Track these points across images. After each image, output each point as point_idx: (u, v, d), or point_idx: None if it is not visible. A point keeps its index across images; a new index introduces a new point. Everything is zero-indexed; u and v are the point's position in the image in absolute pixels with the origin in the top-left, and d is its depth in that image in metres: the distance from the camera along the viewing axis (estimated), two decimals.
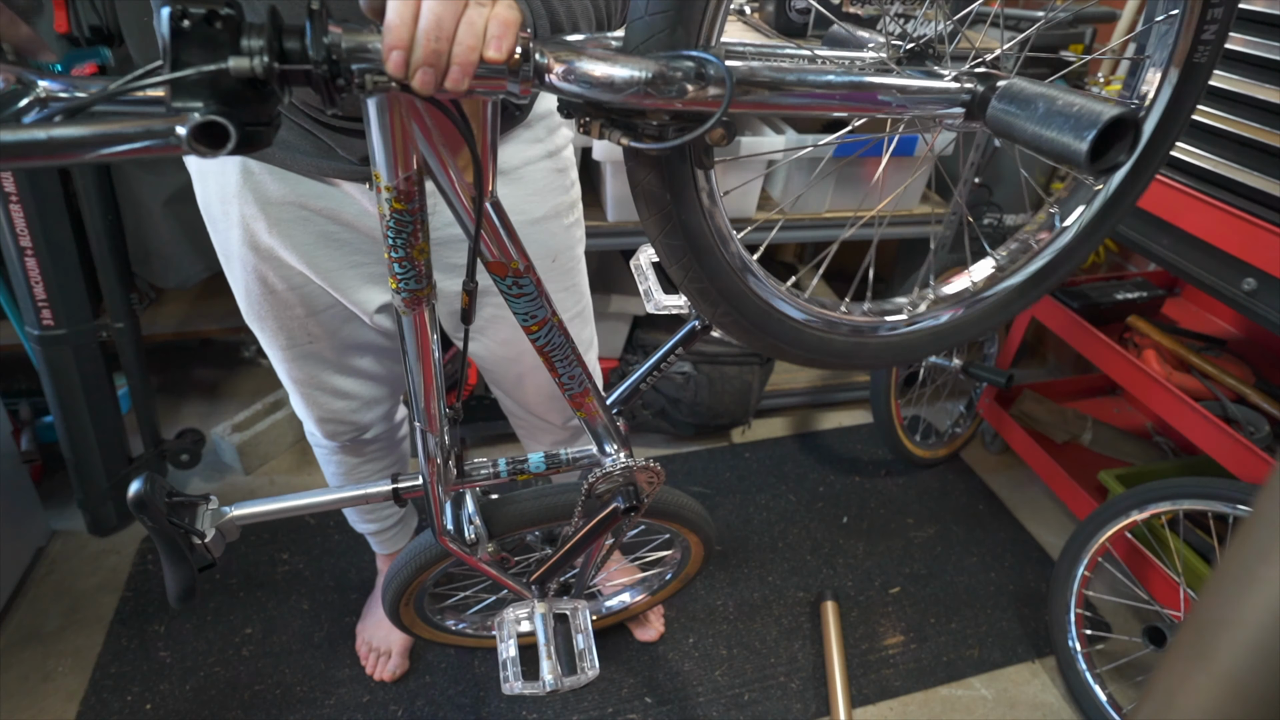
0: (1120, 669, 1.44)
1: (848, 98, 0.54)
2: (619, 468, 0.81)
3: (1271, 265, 1.17)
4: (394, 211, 0.54)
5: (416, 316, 0.62)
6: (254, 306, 0.89)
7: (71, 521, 1.55)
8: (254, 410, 1.77)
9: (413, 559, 1.01)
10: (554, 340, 0.69)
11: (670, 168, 0.54)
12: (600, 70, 0.45)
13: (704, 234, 0.58)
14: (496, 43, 0.42)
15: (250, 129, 0.40)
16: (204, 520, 0.76)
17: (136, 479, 0.69)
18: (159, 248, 1.42)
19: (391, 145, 0.50)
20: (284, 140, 0.75)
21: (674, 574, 1.30)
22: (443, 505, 0.82)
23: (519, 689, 0.93)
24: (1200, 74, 0.70)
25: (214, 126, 0.39)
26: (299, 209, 0.80)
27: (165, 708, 1.26)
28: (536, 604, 0.99)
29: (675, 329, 1.89)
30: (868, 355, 0.75)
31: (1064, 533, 1.73)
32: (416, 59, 0.41)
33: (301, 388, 0.98)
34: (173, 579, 0.75)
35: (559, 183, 0.90)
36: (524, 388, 1.06)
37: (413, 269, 0.58)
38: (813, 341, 0.70)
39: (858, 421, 2.04)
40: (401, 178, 0.52)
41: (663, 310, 0.89)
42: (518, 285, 0.64)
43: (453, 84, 0.43)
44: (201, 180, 0.83)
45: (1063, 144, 0.45)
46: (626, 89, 0.45)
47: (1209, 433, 1.30)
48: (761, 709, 1.34)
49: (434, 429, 0.73)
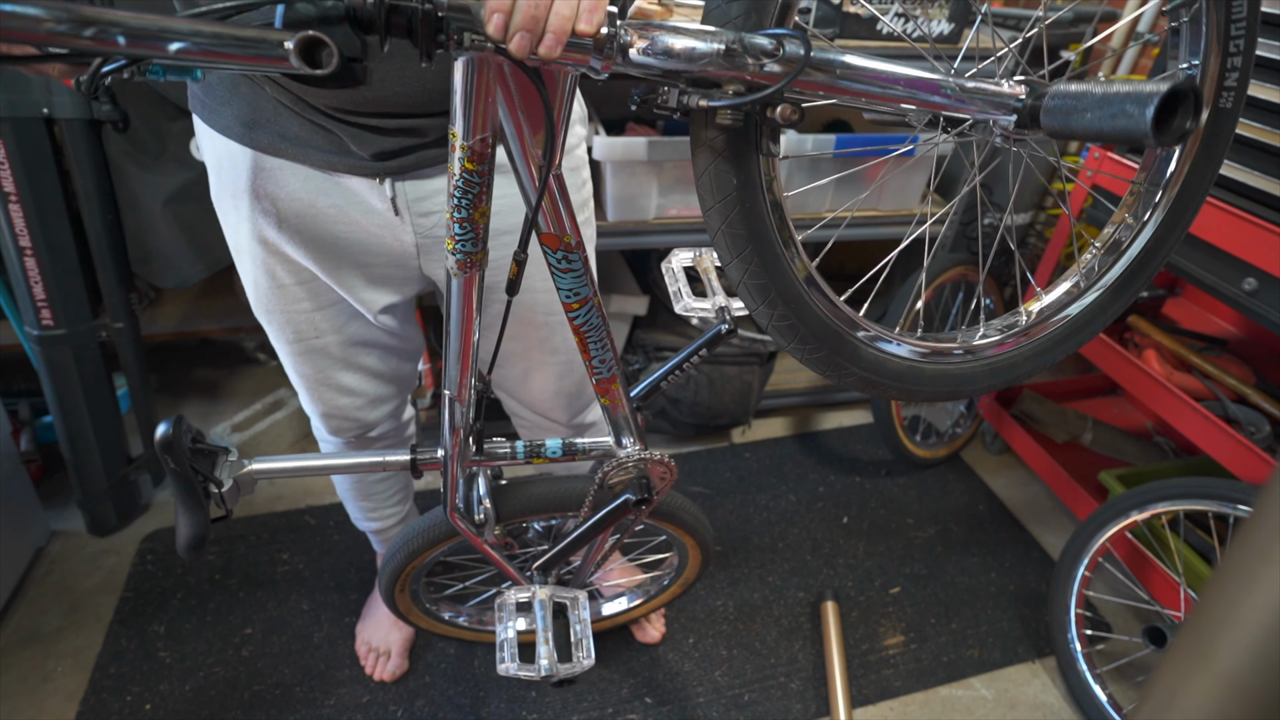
0: (1121, 669, 1.43)
1: (912, 87, 0.56)
2: (634, 459, 0.82)
3: (1272, 265, 1.17)
4: (464, 171, 0.56)
5: (467, 280, 0.64)
6: (262, 300, 0.90)
7: (71, 521, 1.55)
8: (254, 410, 1.77)
9: (411, 539, 1.02)
10: (592, 320, 0.71)
11: (737, 153, 0.55)
12: (681, 44, 0.48)
13: (768, 227, 0.58)
14: (588, 16, 0.45)
15: (350, 62, 0.43)
16: (224, 470, 0.77)
17: (165, 421, 0.71)
18: (159, 248, 1.42)
19: (475, 105, 0.53)
20: (297, 136, 0.76)
21: (672, 579, 1.30)
22: (458, 481, 0.83)
23: (514, 671, 0.94)
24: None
25: (318, 45, 0.41)
26: (308, 206, 0.81)
27: (165, 708, 1.26)
28: (538, 590, 1.00)
29: (675, 329, 1.89)
30: (925, 381, 0.72)
31: (1064, 533, 1.73)
32: (516, 23, 0.44)
33: (308, 383, 0.98)
34: (185, 525, 0.76)
35: (572, 181, 0.91)
36: (530, 385, 1.06)
37: (472, 231, 0.60)
38: (869, 360, 0.67)
39: (858, 421, 2.03)
40: (477, 138, 0.54)
41: (689, 314, 0.91)
42: (568, 260, 0.65)
43: (546, 50, 0.45)
44: (215, 174, 0.83)
45: (1126, 122, 0.48)
46: (705, 59, 0.48)
47: (1209, 433, 1.30)
48: (761, 709, 1.34)
49: (462, 399, 0.74)
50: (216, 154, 0.81)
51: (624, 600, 1.36)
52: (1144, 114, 0.47)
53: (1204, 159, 0.74)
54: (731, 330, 0.89)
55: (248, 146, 0.77)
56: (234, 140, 0.78)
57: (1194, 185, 0.75)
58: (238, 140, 0.78)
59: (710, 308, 0.91)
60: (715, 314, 0.92)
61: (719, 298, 0.94)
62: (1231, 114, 0.72)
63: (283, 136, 0.76)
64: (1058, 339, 0.79)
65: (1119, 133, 0.49)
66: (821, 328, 0.63)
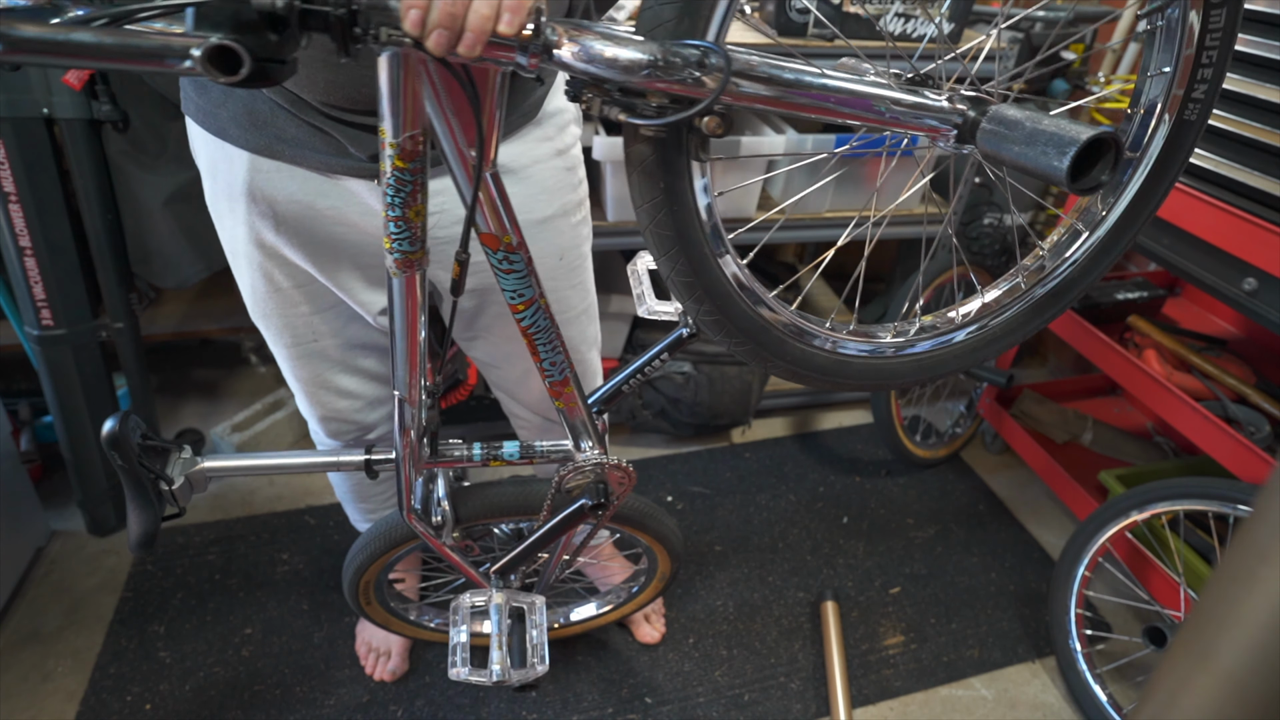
0: (1121, 669, 1.43)
1: (842, 103, 0.55)
2: (590, 464, 0.81)
3: (1272, 265, 1.17)
4: (395, 169, 0.55)
5: (408, 279, 0.63)
6: (259, 303, 0.89)
7: (71, 521, 1.55)
8: (253, 410, 1.77)
9: (373, 540, 1.01)
10: (539, 323, 0.69)
11: (666, 155, 0.54)
12: (609, 50, 0.47)
13: (695, 227, 0.58)
14: (509, 17, 0.44)
15: (265, 63, 0.42)
16: (175, 468, 0.77)
17: (112, 417, 0.70)
18: (159, 248, 1.42)
19: (400, 102, 0.52)
20: (295, 137, 0.75)
21: (640, 586, 1.29)
22: (413, 482, 0.82)
23: (465, 675, 0.94)
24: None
25: (227, 52, 0.40)
26: (306, 208, 0.80)
27: (165, 708, 1.26)
28: (494, 594, 0.99)
29: (672, 331, 1.89)
30: (851, 374, 0.74)
31: (1064, 533, 1.73)
32: (433, 20, 0.43)
33: (306, 386, 0.98)
34: (135, 522, 0.75)
35: (567, 181, 0.90)
36: (529, 385, 1.06)
37: (408, 230, 0.59)
38: (795, 354, 0.69)
39: (858, 421, 2.03)
40: (406, 135, 0.53)
41: (653, 315, 0.90)
42: (508, 260, 0.64)
43: (465, 49, 0.44)
44: (210, 177, 0.83)
45: (1046, 164, 0.46)
46: (630, 69, 0.47)
47: (1209, 433, 1.30)
48: (761, 709, 1.34)
49: (412, 400, 0.73)
50: (211, 157, 0.81)
51: (590, 607, 1.35)
52: (1061, 161, 0.46)
53: (1158, 172, 0.73)
54: (694, 334, 0.87)
55: (244, 149, 0.77)
56: (230, 143, 0.77)
57: (1145, 197, 0.74)
58: (234, 143, 0.77)
59: (673, 310, 0.90)
60: (678, 317, 0.90)
61: None
62: (1194, 127, 0.70)
63: (280, 139, 0.76)
64: (990, 339, 0.79)
65: (1039, 171, 0.48)
66: (749, 323, 0.65)
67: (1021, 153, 0.49)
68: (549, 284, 0.92)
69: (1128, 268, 1.99)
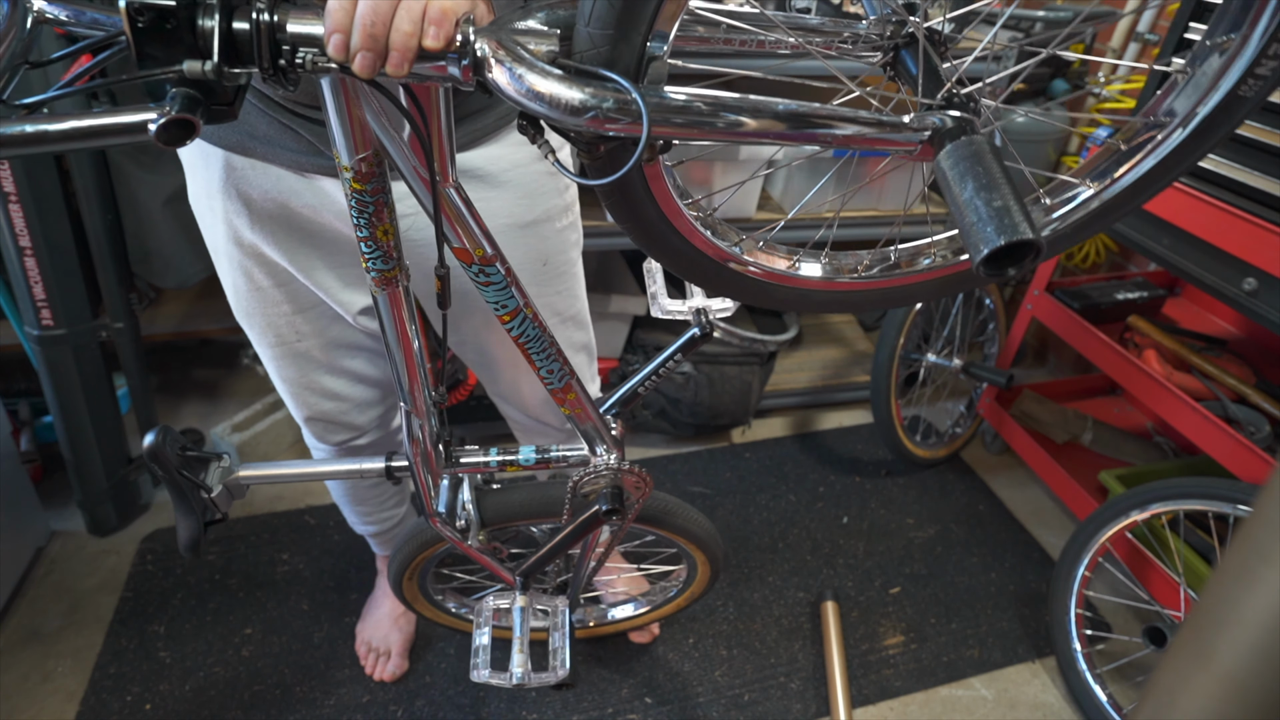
0: (1121, 669, 1.43)
1: (787, 134, 0.50)
2: (604, 469, 0.80)
3: (1272, 265, 1.17)
4: (354, 192, 0.55)
5: (390, 295, 0.63)
6: (241, 303, 0.89)
7: (71, 521, 1.55)
8: (253, 410, 1.77)
9: (413, 537, 1.03)
10: (529, 332, 0.69)
11: (624, 193, 0.55)
12: (540, 85, 0.44)
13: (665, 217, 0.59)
14: (435, 31, 0.43)
15: (216, 109, 0.43)
16: (213, 476, 0.79)
17: (152, 430, 0.73)
18: (158, 248, 1.42)
19: (348, 126, 0.52)
20: (267, 135, 0.75)
21: (679, 591, 1.28)
22: (431, 487, 0.83)
23: (485, 677, 0.94)
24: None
25: (180, 123, 0.41)
26: (281, 206, 0.80)
27: (165, 708, 1.26)
28: (518, 597, 0.99)
29: (675, 329, 1.89)
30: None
31: (1064, 533, 1.73)
32: (355, 43, 0.42)
33: (291, 387, 0.97)
34: (181, 529, 0.79)
35: (551, 185, 0.88)
36: (520, 391, 1.05)
37: (379, 249, 0.59)
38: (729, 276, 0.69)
39: (858, 421, 2.03)
40: (358, 159, 0.53)
41: (667, 315, 0.90)
42: (484, 273, 0.63)
43: (393, 69, 0.43)
44: (191, 175, 0.83)
45: (970, 235, 0.44)
46: (556, 109, 0.44)
47: (1209, 433, 1.30)
48: (761, 709, 1.34)
49: (418, 411, 0.74)
50: (191, 155, 0.81)
51: (629, 607, 1.36)
52: (980, 248, 0.42)
53: (1191, 146, 0.67)
54: (708, 334, 0.87)
55: (219, 147, 0.76)
56: (206, 140, 0.77)
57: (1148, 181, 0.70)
58: (210, 140, 0.76)
59: (687, 310, 0.89)
60: (692, 316, 0.90)
61: (696, 300, 0.92)
62: (1246, 104, 0.64)
63: (252, 136, 0.75)
64: (920, 289, 0.76)
65: (967, 229, 0.44)
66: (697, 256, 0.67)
67: (959, 207, 0.45)
68: (533, 290, 0.91)
69: (1127, 268, 1.99)
